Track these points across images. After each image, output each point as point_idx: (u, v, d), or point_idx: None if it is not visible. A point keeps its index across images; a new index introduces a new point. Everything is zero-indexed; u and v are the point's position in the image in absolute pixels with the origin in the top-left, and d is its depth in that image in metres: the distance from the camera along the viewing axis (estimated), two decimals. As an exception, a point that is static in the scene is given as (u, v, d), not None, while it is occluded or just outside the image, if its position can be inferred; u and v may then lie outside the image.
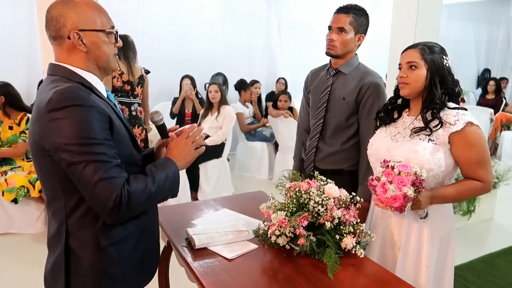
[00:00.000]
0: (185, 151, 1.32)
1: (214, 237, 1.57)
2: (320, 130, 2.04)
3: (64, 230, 1.17)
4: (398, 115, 1.71)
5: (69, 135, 1.05)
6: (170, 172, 1.24)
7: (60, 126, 1.05)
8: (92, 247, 1.18)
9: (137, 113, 3.46)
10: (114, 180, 1.08)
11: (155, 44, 5.32)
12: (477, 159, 1.52)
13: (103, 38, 1.20)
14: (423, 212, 1.57)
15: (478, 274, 2.90)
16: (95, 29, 1.17)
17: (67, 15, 1.14)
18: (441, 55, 1.57)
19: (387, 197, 1.41)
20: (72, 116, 1.05)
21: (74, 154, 1.05)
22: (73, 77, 1.16)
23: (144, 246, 1.32)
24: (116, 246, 1.21)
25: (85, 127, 1.06)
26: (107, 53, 1.22)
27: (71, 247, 1.18)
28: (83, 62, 1.19)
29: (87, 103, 1.08)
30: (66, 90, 1.08)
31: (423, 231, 1.60)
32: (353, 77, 1.97)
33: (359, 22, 1.92)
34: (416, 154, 1.52)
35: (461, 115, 1.53)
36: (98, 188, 1.06)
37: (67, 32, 1.15)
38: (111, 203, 1.07)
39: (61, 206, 1.17)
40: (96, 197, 1.08)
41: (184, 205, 2.11)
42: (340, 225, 1.49)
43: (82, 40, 1.16)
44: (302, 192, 1.51)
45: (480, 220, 3.79)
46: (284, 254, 1.51)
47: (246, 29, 6.00)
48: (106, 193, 1.07)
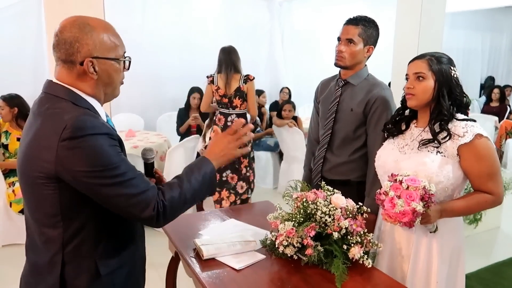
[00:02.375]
0: (228, 148, 1.28)
1: (222, 248, 1.58)
2: (328, 140, 2.05)
3: (60, 260, 1.12)
4: (406, 127, 1.71)
5: (90, 163, 1.04)
6: (207, 174, 1.22)
7: (79, 155, 1.03)
8: (90, 276, 1.15)
9: (231, 123, 3.53)
10: (147, 194, 1.09)
11: (160, 56, 5.38)
12: (487, 172, 1.50)
13: (116, 66, 1.17)
14: (432, 227, 1.55)
15: (485, 283, 2.88)
16: (109, 57, 1.14)
17: (83, 41, 1.09)
18: (449, 66, 1.56)
19: (395, 212, 1.40)
20: (89, 146, 1.04)
21: (100, 182, 1.05)
22: (78, 101, 1.12)
23: (136, 273, 1.31)
24: (112, 275, 1.19)
25: (103, 154, 1.05)
26: (116, 81, 1.20)
27: (66, 277, 1.13)
28: (91, 89, 1.15)
29: (102, 130, 1.07)
30: (81, 118, 1.05)
31: (432, 246, 1.58)
32: (362, 88, 1.98)
33: (368, 33, 1.93)
34: (424, 167, 1.52)
35: (470, 127, 1.51)
36: (133, 207, 1.08)
37: (81, 59, 1.10)
38: (148, 214, 1.08)
39: (57, 234, 1.12)
40: (133, 214, 1.09)
41: (191, 215, 2.13)
42: (347, 235, 1.49)
43: (95, 67, 1.12)
44: (309, 202, 1.53)
45: (486, 229, 3.77)
46: (291, 264, 1.51)
47: (250, 41, 6.05)
48: (141, 208, 1.08)
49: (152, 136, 4.48)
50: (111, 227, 1.19)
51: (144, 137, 4.40)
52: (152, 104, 5.50)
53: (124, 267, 1.23)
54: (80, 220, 1.12)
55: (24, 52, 4.56)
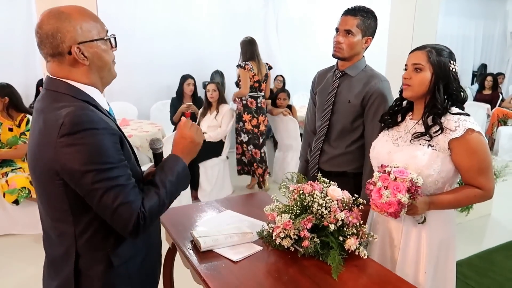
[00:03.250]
0: (192, 141, 1.29)
1: (219, 240, 1.59)
2: (326, 132, 2.05)
3: (74, 252, 1.15)
4: (402, 119, 1.71)
5: (85, 161, 1.03)
6: (180, 173, 1.22)
7: (76, 152, 1.03)
8: (103, 266, 1.17)
9: (261, 105, 4.39)
10: (133, 204, 1.08)
11: (153, 43, 5.32)
12: (477, 167, 1.51)
13: (103, 46, 1.16)
14: (420, 218, 1.57)
15: (476, 270, 2.94)
16: (94, 39, 1.13)
17: (64, 30, 1.08)
18: (448, 60, 1.55)
19: (381, 202, 1.43)
20: (87, 142, 1.03)
21: (93, 180, 1.04)
22: (78, 95, 1.12)
23: (151, 260, 1.33)
24: (126, 264, 1.22)
25: (101, 152, 1.05)
26: (108, 61, 1.19)
27: (80, 269, 1.16)
28: (86, 76, 1.15)
29: (100, 125, 1.06)
30: (78, 113, 1.05)
31: (421, 236, 1.60)
32: (359, 80, 1.97)
33: (366, 24, 1.92)
34: (415, 160, 1.53)
35: (462, 121, 1.51)
36: (118, 213, 1.06)
37: (67, 48, 1.09)
38: (131, 226, 1.08)
39: (69, 228, 1.15)
40: (116, 221, 1.08)
41: (188, 206, 2.14)
42: (343, 227, 1.51)
43: (84, 53, 1.11)
44: (306, 194, 1.54)
45: (478, 216, 3.84)
46: (288, 255, 1.53)
47: (244, 27, 5.98)
48: (126, 217, 1.07)
49: (146, 125, 4.46)
50: None
51: (138, 126, 4.38)
52: (145, 93, 5.47)
53: (138, 256, 1.26)
54: (90, 214, 1.13)
55: (14, 40, 4.48)
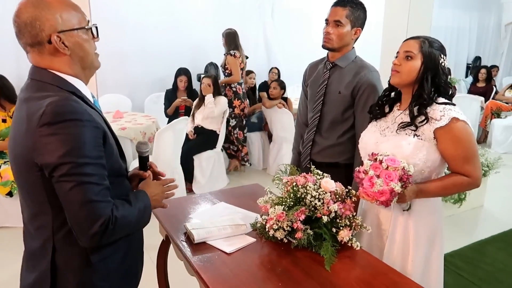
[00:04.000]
0: (156, 197, 1.31)
1: (213, 232, 1.59)
2: (317, 123, 2.06)
3: (51, 246, 1.12)
4: (390, 109, 1.72)
5: (63, 152, 0.99)
6: (147, 208, 1.23)
7: (53, 142, 0.99)
8: (81, 262, 1.14)
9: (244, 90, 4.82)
10: (102, 205, 1.04)
11: (147, 35, 5.27)
12: (463, 155, 1.52)
13: (84, 36, 1.13)
14: (406, 205, 1.59)
15: (468, 261, 2.97)
16: (75, 28, 1.10)
17: (43, 18, 1.05)
18: (439, 53, 1.57)
19: (373, 191, 1.42)
20: (67, 133, 1.00)
21: (65, 172, 1.00)
22: (63, 85, 1.09)
23: (131, 256, 1.30)
24: (105, 261, 1.18)
25: (79, 144, 1.01)
26: (90, 52, 1.16)
27: (57, 263, 1.13)
28: (69, 66, 1.12)
29: (83, 117, 1.02)
30: (61, 103, 1.01)
31: (409, 225, 1.61)
32: (349, 70, 1.98)
33: (355, 15, 1.92)
34: (401, 149, 1.53)
35: (447, 111, 1.52)
36: (85, 210, 1.02)
37: (46, 37, 1.06)
38: (96, 228, 1.02)
39: (47, 221, 1.11)
40: (80, 219, 1.03)
41: (182, 198, 2.13)
42: (336, 218, 1.52)
43: (64, 42, 1.08)
44: (299, 186, 1.54)
45: (470, 208, 3.87)
46: (281, 247, 1.53)
47: (239, 18, 5.95)
48: (92, 217, 1.02)
49: (140, 117, 4.43)
50: None
51: (131, 118, 4.35)
52: (139, 85, 5.43)
53: (118, 253, 1.23)
54: None
55: (5, 31, 4.40)
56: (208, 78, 4.34)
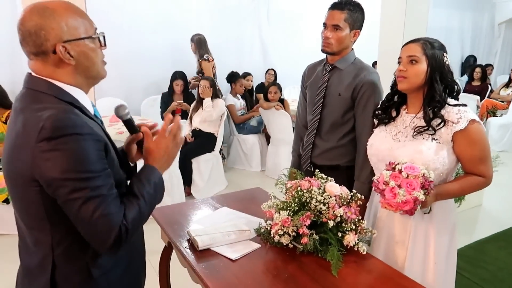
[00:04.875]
0: (168, 152, 1.21)
1: (217, 238, 1.57)
2: (317, 126, 2.05)
3: (50, 263, 1.08)
4: (397, 113, 1.71)
5: (66, 169, 0.96)
6: (157, 184, 1.16)
7: (54, 158, 0.96)
8: (82, 278, 1.11)
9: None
10: (113, 217, 1.01)
11: (142, 38, 5.24)
12: (479, 156, 1.54)
13: (90, 45, 1.09)
14: (426, 209, 1.58)
15: (469, 260, 2.97)
16: (81, 37, 1.06)
17: (48, 27, 1.01)
18: (442, 52, 1.58)
19: (397, 201, 1.41)
20: (68, 148, 0.96)
21: (72, 189, 0.97)
22: (61, 95, 1.05)
23: (134, 268, 1.28)
24: (107, 275, 1.15)
25: (82, 158, 0.98)
26: (96, 61, 1.12)
27: (57, 280, 1.09)
28: (72, 76, 1.08)
29: (84, 130, 0.99)
30: (60, 117, 0.97)
31: (429, 229, 1.61)
32: (349, 72, 1.97)
33: (354, 18, 1.91)
34: (421, 155, 1.53)
35: (463, 113, 1.53)
36: (97, 225, 0.99)
37: (51, 46, 1.02)
38: (111, 240, 1.01)
39: (46, 237, 1.07)
40: (95, 234, 1.01)
41: (183, 204, 2.11)
42: (342, 223, 1.50)
43: (70, 52, 1.04)
44: (304, 191, 1.52)
45: (469, 207, 3.87)
46: (287, 252, 1.52)
47: (234, 20, 5.93)
48: (105, 230, 1.00)
49: (137, 121, 4.36)
50: None
51: (128, 122, 4.32)
52: (135, 88, 5.39)
53: (120, 265, 1.20)
54: (68, 223, 1.04)
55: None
56: (206, 80, 4.33)
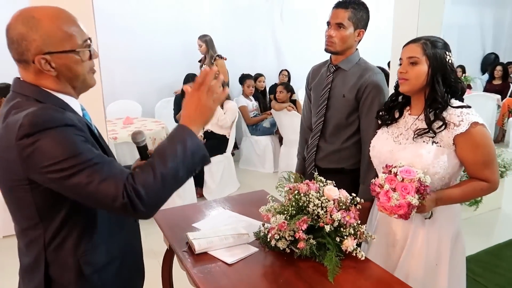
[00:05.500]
0: (202, 105, 1.11)
1: (214, 241, 1.56)
2: (321, 128, 2.01)
3: (43, 260, 1.10)
4: (400, 114, 1.67)
5: (50, 155, 0.95)
6: (186, 144, 1.05)
7: (37, 150, 0.95)
8: (75, 275, 1.12)
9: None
10: (112, 179, 0.97)
11: (155, 40, 5.29)
12: (482, 160, 1.48)
13: (75, 57, 1.06)
14: (427, 214, 1.54)
15: (485, 266, 2.87)
16: (64, 50, 1.03)
17: (29, 38, 1.00)
18: (444, 51, 1.52)
19: (391, 205, 1.38)
20: (48, 139, 0.95)
21: (64, 169, 0.96)
22: (43, 98, 1.05)
23: (127, 269, 1.27)
24: (99, 273, 1.16)
25: (65, 143, 0.97)
26: (81, 73, 1.09)
27: (52, 276, 1.11)
28: (56, 84, 1.07)
29: (63, 122, 0.98)
30: (38, 113, 0.97)
31: (430, 234, 1.57)
32: (353, 73, 1.93)
33: (358, 17, 1.87)
34: (421, 159, 1.49)
35: (465, 115, 1.48)
36: (99, 192, 0.96)
37: (32, 56, 1.01)
38: (121, 203, 0.95)
39: (38, 235, 1.09)
40: (101, 201, 0.97)
41: (185, 207, 2.11)
42: (341, 227, 1.47)
43: (50, 63, 1.03)
44: (301, 194, 1.50)
45: (487, 210, 3.75)
46: (284, 257, 1.49)
47: (247, 21, 5.92)
48: (108, 193, 0.96)
49: (150, 123, 4.44)
50: (91, 224, 1.14)
51: (141, 124, 4.37)
52: (149, 90, 5.45)
53: (112, 264, 1.20)
54: (59, 220, 1.08)
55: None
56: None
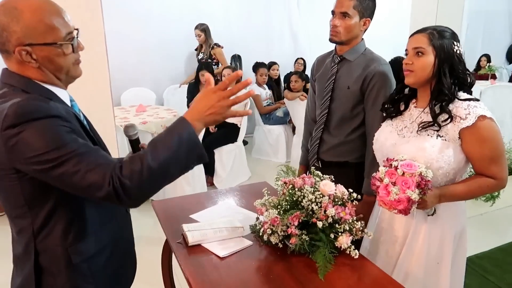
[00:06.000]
0: (217, 106, 1.04)
1: (208, 234, 1.55)
2: (325, 120, 1.96)
3: (33, 249, 1.11)
4: (405, 107, 1.61)
5: (34, 146, 0.95)
6: (183, 138, 1.01)
7: (23, 141, 0.95)
8: (64, 263, 1.13)
9: None
10: (98, 168, 0.96)
11: (169, 27, 5.30)
12: (490, 155, 1.41)
13: (57, 50, 1.05)
14: (430, 210, 1.49)
15: (497, 264, 2.78)
16: (45, 42, 1.03)
17: (10, 29, 1.00)
18: (451, 41, 1.45)
19: (390, 200, 1.34)
20: (33, 130, 0.95)
21: (49, 160, 0.96)
22: (29, 88, 1.05)
23: (118, 258, 1.28)
24: (88, 262, 1.17)
25: (50, 134, 0.96)
26: (64, 65, 1.08)
27: (42, 265, 1.13)
28: (40, 75, 1.07)
29: (48, 113, 0.98)
30: (24, 103, 0.97)
31: (433, 232, 1.52)
32: (358, 64, 1.86)
33: (364, 5, 1.80)
34: (424, 152, 1.43)
35: (472, 108, 1.41)
36: (87, 180, 0.95)
37: (12, 47, 1.01)
38: (106, 192, 0.95)
39: (27, 224, 1.10)
40: (87, 190, 0.97)
41: (185, 197, 2.11)
42: (336, 223, 1.43)
43: (31, 55, 1.02)
44: (296, 189, 1.46)
45: (505, 206, 3.63)
46: (278, 252, 1.47)
47: (263, 8, 5.84)
48: (97, 181, 0.95)
49: (162, 111, 4.45)
50: (80, 214, 1.15)
51: (154, 112, 4.38)
52: (163, 77, 5.47)
53: (103, 252, 1.21)
54: (47, 209, 1.09)
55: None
56: (229, 69, 4.30)
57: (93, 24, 2.46)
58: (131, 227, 1.40)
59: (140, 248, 2.77)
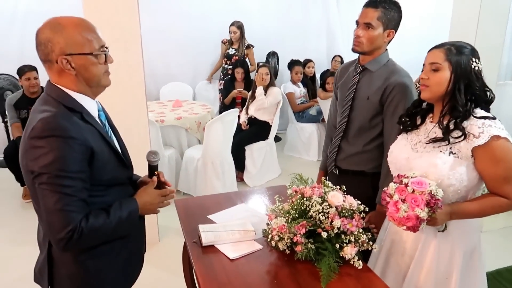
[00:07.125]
0: (150, 206, 1.38)
1: (221, 236, 1.64)
2: (344, 129, 1.99)
3: (47, 240, 1.27)
4: (422, 121, 1.60)
5: (44, 164, 1.11)
6: (133, 214, 1.30)
7: (38, 155, 1.11)
8: (71, 259, 1.27)
9: None
10: (72, 214, 1.13)
11: (207, 23, 5.40)
12: (503, 175, 1.39)
13: (92, 60, 1.23)
14: (440, 226, 1.49)
15: (522, 280, 2.68)
16: (82, 52, 1.20)
17: (55, 40, 1.17)
18: (469, 57, 1.43)
19: (399, 216, 1.36)
20: (50, 147, 1.11)
21: (44, 181, 1.11)
22: (65, 100, 1.21)
23: (125, 256, 1.39)
24: (94, 260, 1.29)
25: (60, 160, 1.11)
26: (97, 74, 1.25)
27: (53, 256, 1.28)
28: (74, 84, 1.23)
29: (67, 134, 1.12)
30: (49, 120, 1.13)
31: (442, 247, 1.51)
32: (379, 75, 1.87)
33: (388, 17, 1.79)
34: (435, 169, 1.43)
35: (486, 127, 1.39)
36: (54, 216, 1.12)
37: (55, 57, 1.18)
38: (63, 235, 1.12)
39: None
40: (50, 224, 1.13)
41: (206, 197, 2.21)
42: (342, 234, 1.47)
43: (71, 63, 1.19)
44: (305, 198, 1.51)
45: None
46: (285, 257, 1.53)
47: (301, 4, 5.82)
48: (60, 224, 1.12)
49: (197, 106, 4.59)
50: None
51: (189, 107, 4.53)
52: (200, 73, 5.61)
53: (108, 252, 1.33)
54: None
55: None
56: (265, 67, 4.34)
57: (130, 27, 2.61)
58: (143, 226, 1.51)
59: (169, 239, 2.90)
